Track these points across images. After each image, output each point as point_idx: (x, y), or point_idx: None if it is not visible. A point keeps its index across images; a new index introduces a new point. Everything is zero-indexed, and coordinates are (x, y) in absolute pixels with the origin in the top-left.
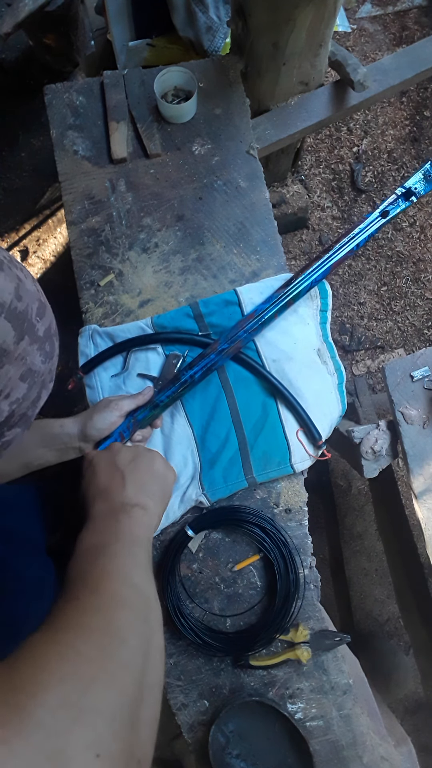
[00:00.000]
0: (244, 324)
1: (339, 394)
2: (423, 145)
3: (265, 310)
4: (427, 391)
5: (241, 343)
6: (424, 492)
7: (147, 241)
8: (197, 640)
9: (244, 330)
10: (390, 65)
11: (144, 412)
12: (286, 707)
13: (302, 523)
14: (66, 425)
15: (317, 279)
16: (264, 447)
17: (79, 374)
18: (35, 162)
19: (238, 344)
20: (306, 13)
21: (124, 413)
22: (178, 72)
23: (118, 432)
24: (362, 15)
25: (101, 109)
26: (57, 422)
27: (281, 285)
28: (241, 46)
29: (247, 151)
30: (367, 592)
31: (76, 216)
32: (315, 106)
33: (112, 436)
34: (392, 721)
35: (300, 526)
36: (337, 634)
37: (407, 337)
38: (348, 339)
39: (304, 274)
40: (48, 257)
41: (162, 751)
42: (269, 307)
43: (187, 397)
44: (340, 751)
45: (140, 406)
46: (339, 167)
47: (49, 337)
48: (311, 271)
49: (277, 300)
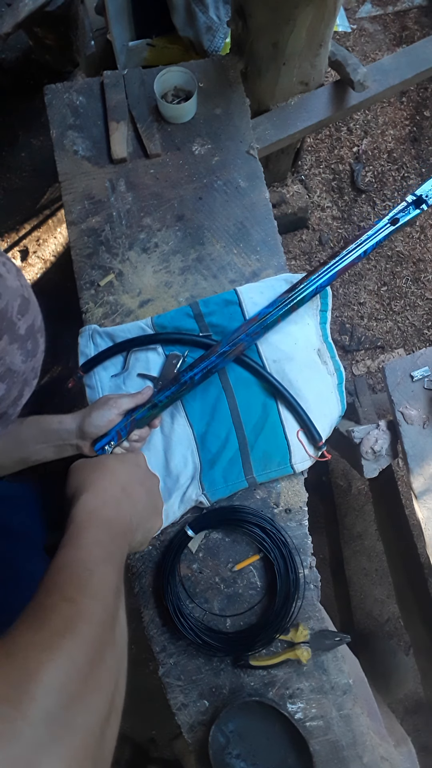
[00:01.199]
0: (247, 327)
1: (339, 395)
2: (423, 145)
3: (269, 314)
4: (427, 391)
5: (243, 347)
6: (424, 492)
7: (147, 241)
8: (197, 640)
9: (247, 333)
10: (390, 65)
11: (142, 411)
12: (286, 707)
13: (302, 523)
14: (64, 421)
15: (322, 285)
16: (264, 447)
17: (79, 373)
18: (35, 162)
19: (240, 347)
20: (306, 13)
21: (122, 411)
22: (178, 72)
23: (115, 430)
24: (362, 15)
25: (101, 109)
26: (56, 418)
27: (285, 290)
28: (241, 46)
29: (247, 151)
30: (367, 592)
31: (76, 216)
32: (315, 106)
33: (110, 434)
34: (392, 721)
35: (300, 526)
36: (337, 634)
37: (407, 337)
38: (348, 339)
39: (309, 279)
40: (48, 257)
41: (162, 751)
42: (273, 311)
43: (187, 397)
44: (340, 751)
45: (139, 405)
46: (339, 167)
47: (32, 334)
48: (316, 276)
49: (281, 305)
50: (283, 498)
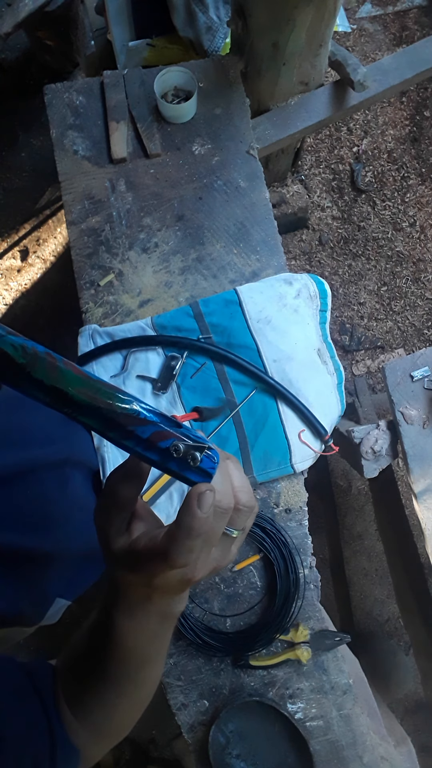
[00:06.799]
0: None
1: (338, 394)
2: (423, 145)
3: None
4: (427, 391)
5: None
6: (424, 492)
7: (147, 241)
8: (197, 640)
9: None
10: (390, 65)
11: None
12: (286, 707)
13: (302, 523)
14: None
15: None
16: (264, 447)
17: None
18: (35, 162)
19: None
20: (306, 13)
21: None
22: (178, 72)
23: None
24: (362, 15)
25: (101, 109)
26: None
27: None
28: (241, 46)
29: (247, 151)
30: (367, 592)
31: (76, 216)
32: (315, 106)
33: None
34: (392, 721)
35: (300, 526)
36: (337, 634)
37: (407, 337)
38: (348, 339)
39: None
40: (48, 257)
41: (162, 751)
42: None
43: (186, 397)
44: (340, 751)
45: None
46: (339, 167)
47: None
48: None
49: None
50: (283, 498)
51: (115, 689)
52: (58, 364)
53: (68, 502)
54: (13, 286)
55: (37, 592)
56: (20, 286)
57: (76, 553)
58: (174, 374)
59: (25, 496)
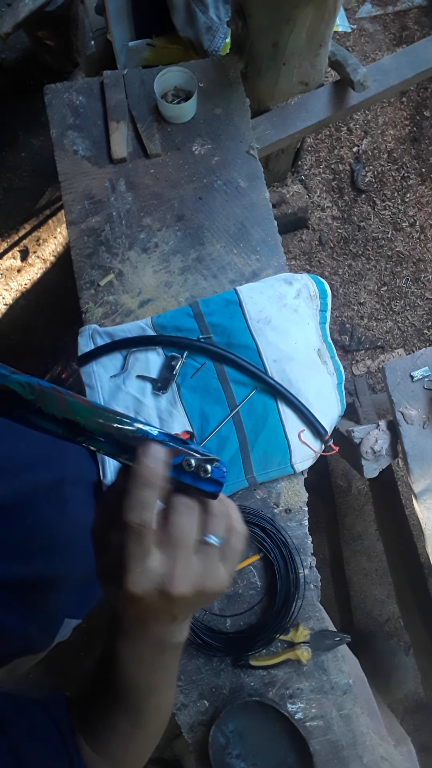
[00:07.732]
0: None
1: (339, 394)
2: (423, 145)
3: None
4: (427, 391)
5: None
6: (424, 492)
7: (147, 241)
8: (197, 640)
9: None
10: (390, 65)
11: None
12: (286, 707)
13: (302, 523)
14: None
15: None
16: (264, 447)
17: (74, 366)
18: (35, 162)
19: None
20: (306, 13)
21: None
22: (178, 72)
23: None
24: (362, 15)
25: (101, 109)
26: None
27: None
28: (241, 46)
29: (247, 151)
30: (367, 592)
31: (76, 216)
32: (315, 106)
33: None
34: (392, 721)
35: (300, 526)
36: (337, 634)
37: (407, 337)
38: (348, 339)
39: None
40: (48, 257)
41: (162, 751)
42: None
43: (186, 397)
44: (340, 751)
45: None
46: (339, 167)
47: None
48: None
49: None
50: (283, 498)
51: (126, 719)
52: (66, 397)
53: (69, 524)
54: (13, 286)
55: (45, 618)
56: (20, 286)
57: (82, 572)
58: (174, 374)
59: (24, 524)
